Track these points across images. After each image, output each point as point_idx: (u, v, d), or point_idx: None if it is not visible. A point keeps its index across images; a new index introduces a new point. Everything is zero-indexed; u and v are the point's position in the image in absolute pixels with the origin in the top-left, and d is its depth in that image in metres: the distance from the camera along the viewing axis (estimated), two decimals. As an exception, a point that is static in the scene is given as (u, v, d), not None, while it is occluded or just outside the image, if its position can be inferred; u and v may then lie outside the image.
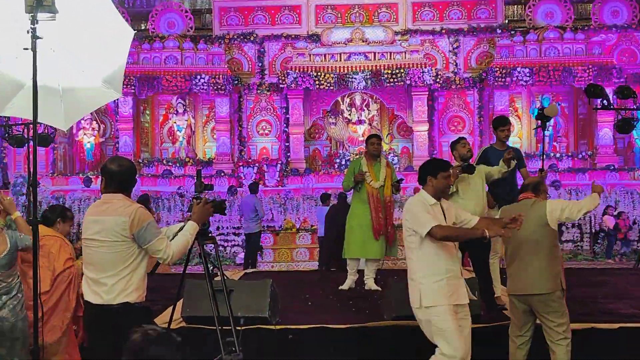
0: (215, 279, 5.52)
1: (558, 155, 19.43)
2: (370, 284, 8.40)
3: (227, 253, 16.40)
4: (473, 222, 4.99)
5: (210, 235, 4.75)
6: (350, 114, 20.31)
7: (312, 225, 15.90)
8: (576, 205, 5.31)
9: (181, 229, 4.39)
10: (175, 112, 20.67)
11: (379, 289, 8.19)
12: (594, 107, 10.64)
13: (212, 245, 4.94)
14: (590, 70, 18.66)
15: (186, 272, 5.65)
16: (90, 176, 19.04)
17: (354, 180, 8.31)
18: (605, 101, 9.41)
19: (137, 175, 4.29)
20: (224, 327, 4.89)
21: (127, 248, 4.13)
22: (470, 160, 7.29)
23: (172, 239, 4.31)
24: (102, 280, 4.13)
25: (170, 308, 5.69)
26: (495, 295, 7.31)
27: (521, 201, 5.50)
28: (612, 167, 18.84)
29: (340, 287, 8.35)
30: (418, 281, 4.92)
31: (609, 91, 14.68)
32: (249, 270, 11.66)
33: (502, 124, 7.55)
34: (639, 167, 19.11)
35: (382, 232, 8.30)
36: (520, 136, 20.24)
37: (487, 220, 5.10)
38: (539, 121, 7.94)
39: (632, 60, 20.23)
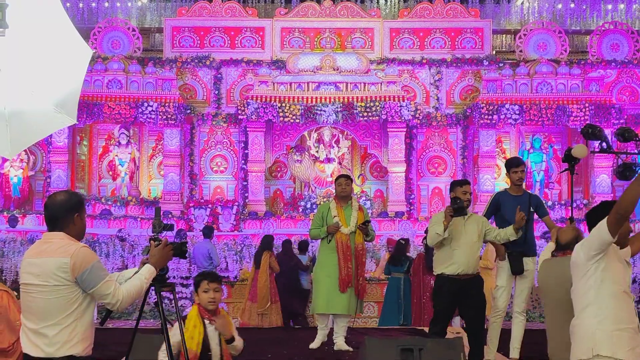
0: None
1: (550, 203, 19.75)
2: (340, 343, 8.47)
3: (172, 306, 16.24)
4: None
5: (167, 281, 4.79)
6: (317, 151, 20.46)
7: (272, 277, 15.88)
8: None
9: (136, 273, 4.43)
10: (117, 143, 20.60)
11: (350, 349, 8.26)
12: (592, 151, 10.86)
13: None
14: (587, 109, 19.10)
15: (118, 325, 5.67)
16: (17, 215, 18.83)
17: (327, 232, 8.49)
18: (604, 144, 9.66)
19: (79, 209, 4.31)
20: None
21: (69, 293, 4.14)
22: (469, 209, 7.39)
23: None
24: (42, 330, 4.15)
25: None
26: (487, 359, 7.43)
27: (565, 256, 5.37)
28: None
29: (310, 346, 8.45)
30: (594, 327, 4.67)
31: (607, 133, 15.13)
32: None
33: (515, 165, 7.68)
34: (639, 218, 19.45)
35: (350, 284, 8.41)
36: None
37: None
38: (567, 163, 8.04)
39: (633, 100, 20.81)
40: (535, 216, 7.92)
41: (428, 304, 12.10)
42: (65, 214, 4.27)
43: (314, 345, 8.51)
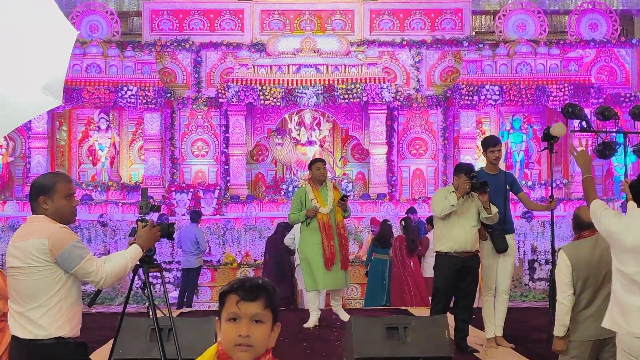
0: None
1: (530, 183, 19.90)
2: (341, 314, 9.01)
3: (157, 291, 16.28)
4: None
5: (155, 262, 4.81)
6: (299, 134, 20.47)
7: (255, 260, 15.96)
8: None
9: None
10: (96, 128, 20.49)
11: (348, 317, 8.36)
12: (572, 130, 10.98)
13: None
14: (566, 89, 19.23)
15: (103, 310, 5.66)
16: (-4, 201, 18.77)
17: (306, 216, 8.87)
18: (584, 123, 9.75)
19: (43, 193, 4.32)
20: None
21: (51, 274, 4.16)
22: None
23: None
24: (27, 313, 4.17)
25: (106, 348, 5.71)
26: (489, 337, 7.51)
27: (585, 238, 5.37)
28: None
29: (305, 325, 8.80)
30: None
31: (587, 112, 15.23)
32: (185, 310, 11.67)
33: (492, 144, 7.72)
34: (619, 197, 19.63)
35: (334, 261, 8.82)
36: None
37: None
38: (545, 142, 8.12)
39: (612, 79, 20.97)
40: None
41: (410, 285, 12.21)
42: (33, 197, 4.33)
43: (309, 324, 8.83)
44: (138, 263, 4.74)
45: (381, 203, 19.36)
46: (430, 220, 13.39)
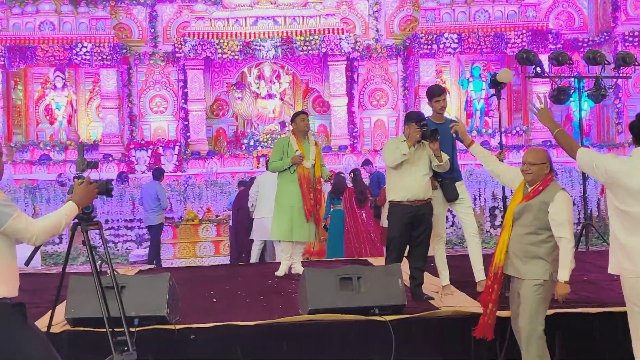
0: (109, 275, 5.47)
1: (490, 131, 19.97)
2: (298, 267, 9.01)
3: (118, 250, 16.20)
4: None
5: (94, 220, 4.71)
6: (258, 88, 20.31)
7: (217, 216, 15.88)
8: None
9: None
10: (53, 87, 20.17)
11: (302, 270, 8.36)
12: (527, 76, 10.98)
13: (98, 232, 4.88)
14: (524, 35, 19.23)
15: (67, 270, 5.57)
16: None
17: (293, 162, 8.85)
18: (538, 68, 9.74)
19: None
20: (115, 330, 4.88)
21: None
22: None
23: None
24: None
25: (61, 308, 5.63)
26: (444, 284, 7.54)
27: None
28: (549, 144, 19.49)
29: (276, 273, 8.95)
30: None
31: (544, 58, 15.22)
32: (145, 267, 11.59)
33: (437, 94, 7.66)
34: (579, 142, 19.77)
35: (312, 213, 8.92)
36: (449, 110, 20.68)
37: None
38: (493, 89, 8.08)
39: (570, 25, 20.99)
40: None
41: (363, 236, 12.26)
42: None
43: (279, 273, 8.95)
44: (76, 221, 4.64)
45: (343, 155, 19.32)
46: (374, 177, 13.43)
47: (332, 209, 12.70)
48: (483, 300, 5.58)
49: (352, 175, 12.97)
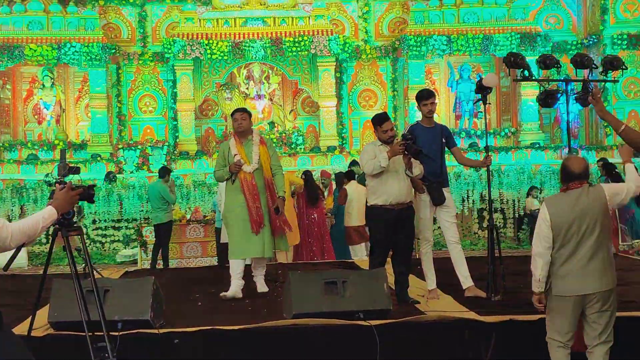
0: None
1: (479, 132, 19.97)
2: (259, 285, 8.17)
3: (105, 250, 16.12)
4: None
5: (75, 225, 4.65)
6: (247, 88, 20.27)
7: (205, 216, 15.80)
8: (630, 188, 5.31)
9: None
10: (41, 86, 20.08)
11: (266, 289, 8.13)
12: (514, 79, 10.95)
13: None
14: (513, 37, 19.24)
15: (48, 272, 5.51)
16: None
17: (230, 171, 7.95)
18: (526, 71, 9.69)
19: None
20: (95, 333, 4.83)
21: None
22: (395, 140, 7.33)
23: None
24: None
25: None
26: (430, 288, 7.49)
27: (571, 190, 5.16)
28: (537, 146, 19.53)
29: (221, 294, 7.83)
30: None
31: (533, 61, 15.19)
32: (130, 269, 11.53)
33: (425, 97, 7.60)
34: (567, 145, 19.80)
35: (263, 224, 7.91)
36: (439, 112, 20.67)
37: None
38: (479, 94, 7.99)
39: (559, 27, 21.00)
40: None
41: (316, 239, 12.23)
42: None
43: (228, 294, 7.79)
44: (57, 226, 4.58)
45: (331, 155, 19.29)
46: (338, 177, 13.34)
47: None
48: None
49: (303, 176, 12.84)
